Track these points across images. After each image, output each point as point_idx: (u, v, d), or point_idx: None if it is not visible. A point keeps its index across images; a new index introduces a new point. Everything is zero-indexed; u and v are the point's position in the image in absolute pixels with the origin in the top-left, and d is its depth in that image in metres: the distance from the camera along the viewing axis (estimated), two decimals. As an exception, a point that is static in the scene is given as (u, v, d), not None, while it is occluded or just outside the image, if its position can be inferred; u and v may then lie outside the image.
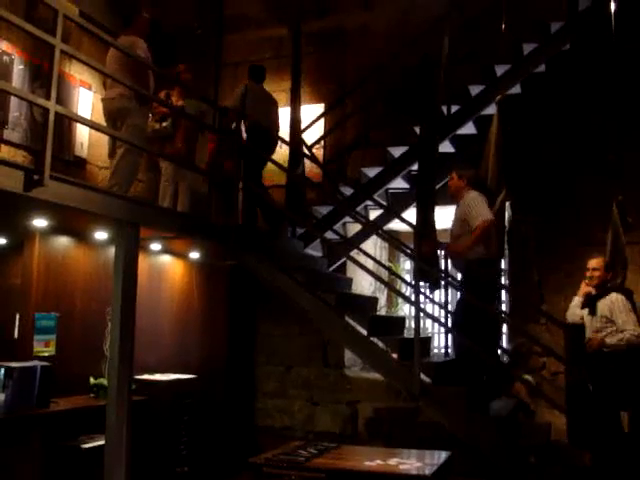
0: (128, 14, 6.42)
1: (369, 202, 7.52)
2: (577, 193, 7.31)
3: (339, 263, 7.63)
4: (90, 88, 7.87)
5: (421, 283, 5.86)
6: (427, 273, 6.02)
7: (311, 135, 8.02)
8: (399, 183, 7.59)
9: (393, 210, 7.30)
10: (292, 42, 7.64)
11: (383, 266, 7.40)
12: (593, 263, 5.94)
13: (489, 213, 5.91)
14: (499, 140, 6.37)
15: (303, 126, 7.87)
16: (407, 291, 7.91)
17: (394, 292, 7.88)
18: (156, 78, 6.30)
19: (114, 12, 8.15)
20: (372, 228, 7.40)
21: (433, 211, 6.29)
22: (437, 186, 6.57)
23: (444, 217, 6.76)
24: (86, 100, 7.80)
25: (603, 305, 5.67)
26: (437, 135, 6.65)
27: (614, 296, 5.65)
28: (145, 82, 6.03)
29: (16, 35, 6.61)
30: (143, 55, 5.99)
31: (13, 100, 6.64)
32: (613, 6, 6.42)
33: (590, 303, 5.83)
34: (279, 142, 7.33)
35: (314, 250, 7.44)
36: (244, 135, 6.75)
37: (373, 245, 8.83)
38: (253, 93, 7.20)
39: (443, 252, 6.64)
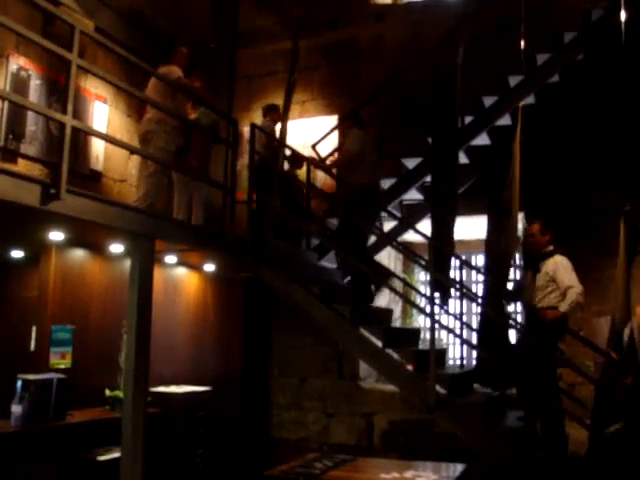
0: (166, 48, 6.78)
1: (383, 213, 7.51)
2: (593, 204, 7.27)
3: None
4: (105, 102, 7.94)
5: (435, 294, 5.85)
6: (440, 285, 6.00)
7: (325, 147, 8.04)
8: (413, 194, 7.58)
9: (407, 221, 7.28)
10: (291, 55, 7.57)
11: (397, 277, 7.39)
12: (529, 230, 6.11)
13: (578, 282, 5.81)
14: (519, 154, 6.35)
15: (317, 138, 7.90)
16: (422, 302, 7.88)
17: (409, 303, 7.85)
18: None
19: (129, 27, 8.25)
20: (386, 239, 7.39)
21: (454, 223, 6.29)
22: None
23: (461, 228, 6.74)
24: (101, 114, 7.86)
25: (547, 265, 5.80)
26: (454, 146, 6.63)
27: (558, 257, 5.79)
28: (179, 108, 6.42)
29: (33, 50, 6.69)
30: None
31: (30, 114, 6.71)
32: (624, 16, 6.40)
33: (534, 263, 5.94)
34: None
35: (328, 262, 7.43)
36: None
37: (387, 256, 8.82)
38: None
39: (457, 262, 6.63)
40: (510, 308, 6.93)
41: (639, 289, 6.29)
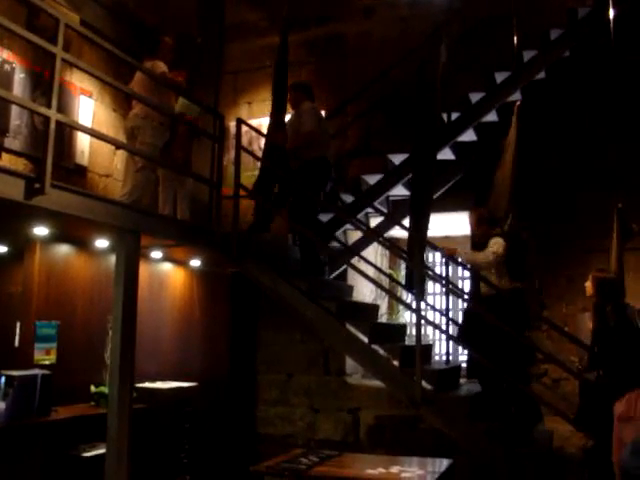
0: (150, 41, 6.66)
1: (370, 209, 7.52)
2: (578, 201, 7.31)
3: (340, 270, 7.62)
4: (91, 96, 7.89)
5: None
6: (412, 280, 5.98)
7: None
8: (400, 190, 7.59)
9: (393, 217, 7.29)
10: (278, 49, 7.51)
11: (384, 273, 7.40)
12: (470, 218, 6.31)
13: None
14: (515, 153, 6.39)
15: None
16: (408, 298, 7.90)
17: (395, 299, 7.87)
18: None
19: (115, 21, 8.20)
20: (373, 235, 7.40)
21: (428, 219, 6.29)
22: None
23: (440, 224, 6.75)
24: (87, 108, 7.81)
25: (490, 244, 6.00)
26: (435, 142, 6.64)
27: (497, 238, 5.99)
28: (165, 103, 6.38)
29: (17, 43, 6.63)
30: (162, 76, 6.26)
31: (14, 108, 6.65)
32: (612, 13, 6.44)
33: (480, 245, 6.16)
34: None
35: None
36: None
37: (374, 252, 8.82)
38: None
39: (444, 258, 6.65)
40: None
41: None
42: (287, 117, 6.91)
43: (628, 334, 5.66)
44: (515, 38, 6.91)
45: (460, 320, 7.76)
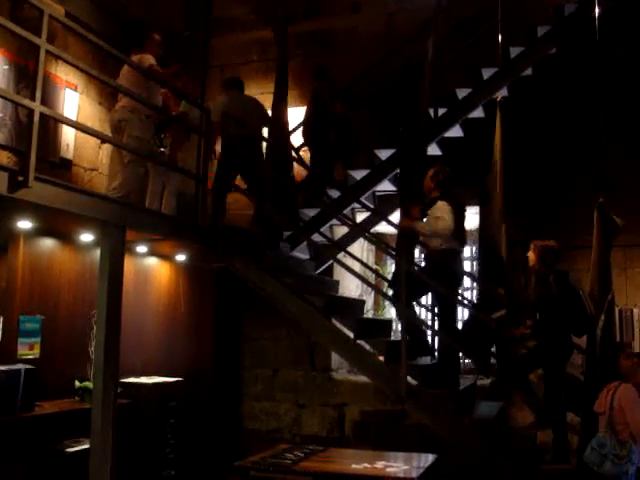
0: (138, 35, 6.53)
1: (356, 205, 7.52)
2: (565, 196, 7.35)
3: (326, 266, 7.62)
4: (76, 89, 7.82)
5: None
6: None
7: (298, 138, 8.01)
8: (386, 186, 7.59)
9: (380, 213, 7.29)
10: (277, 44, 7.58)
11: (370, 269, 7.41)
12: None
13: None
14: (501, 150, 6.44)
15: (290, 128, 7.87)
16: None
17: (381, 295, 7.88)
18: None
19: (101, 13, 8.13)
20: (359, 231, 7.40)
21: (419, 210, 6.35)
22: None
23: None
24: (72, 101, 7.75)
25: (432, 210, 6.08)
26: (421, 137, 6.67)
27: (439, 203, 6.03)
28: (152, 96, 6.23)
29: (1, 35, 6.55)
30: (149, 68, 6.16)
31: (-2, 101, 6.59)
32: (597, 11, 6.48)
33: (424, 210, 6.26)
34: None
35: (301, 253, 7.42)
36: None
37: (360, 248, 8.83)
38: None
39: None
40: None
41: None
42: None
43: (570, 302, 5.78)
44: (501, 35, 6.92)
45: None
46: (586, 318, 5.68)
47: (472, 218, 6.84)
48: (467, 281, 7.86)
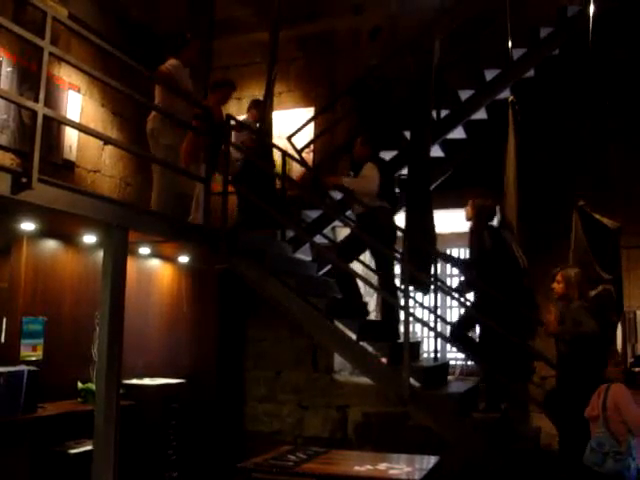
0: (175, 39, 6.46)
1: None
2: (565, 196, 7.32)
3: (328, 267, 7.60)
4: (79, 91, 7.83)
5: (410, 287, 5.92)
6: (417, 279, 6.05)
7: (301, 139, 8.01)
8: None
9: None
10: (269, 45, 7.53)
11: (372, 270, 7.40)
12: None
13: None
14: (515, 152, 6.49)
15: (292, 130, 7.87)
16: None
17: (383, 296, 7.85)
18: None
19: (104, 15, 8.14)
20: (361, 232, 7.38)
21: (431, 215, 6.38)
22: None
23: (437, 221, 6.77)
24: (75, 103, 7.76)
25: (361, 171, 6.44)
26: (429, 139, 6.67)
27: (369, 164, 6.39)
28: (180, 105, 6.19)
29: (4, 37, 6.56)
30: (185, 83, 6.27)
31: (1, 102, 6.58)
32: (592, 10, 6.49)
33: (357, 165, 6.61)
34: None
35: (303, 254, 7.41)
36: None
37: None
38: None
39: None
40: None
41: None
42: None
43: (503, 257, 6.08)
44: (505, 36, 6.91)
45: (449, 318, 7.80)
46: (518, 270, 6.06)
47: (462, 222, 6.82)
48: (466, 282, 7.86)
